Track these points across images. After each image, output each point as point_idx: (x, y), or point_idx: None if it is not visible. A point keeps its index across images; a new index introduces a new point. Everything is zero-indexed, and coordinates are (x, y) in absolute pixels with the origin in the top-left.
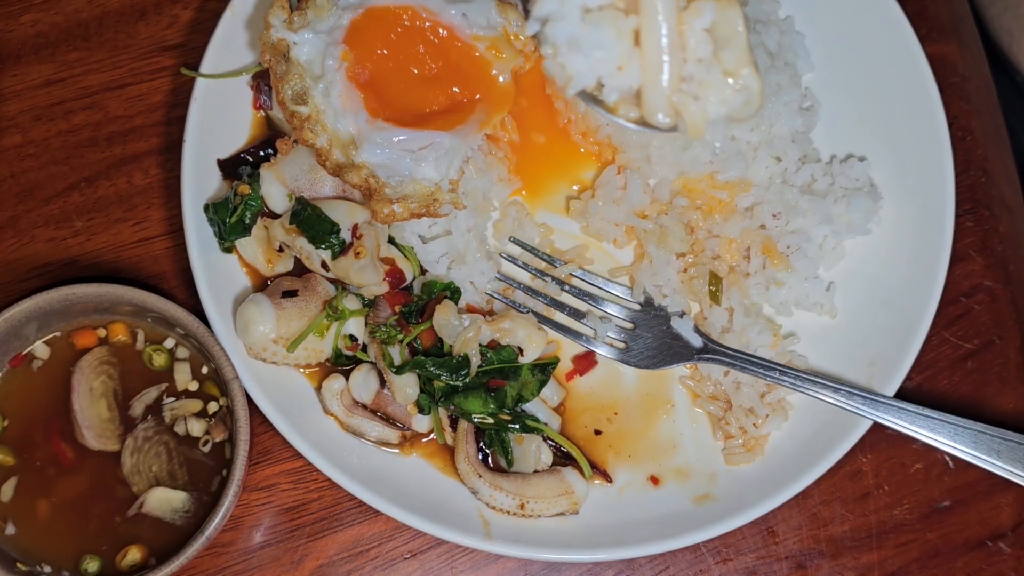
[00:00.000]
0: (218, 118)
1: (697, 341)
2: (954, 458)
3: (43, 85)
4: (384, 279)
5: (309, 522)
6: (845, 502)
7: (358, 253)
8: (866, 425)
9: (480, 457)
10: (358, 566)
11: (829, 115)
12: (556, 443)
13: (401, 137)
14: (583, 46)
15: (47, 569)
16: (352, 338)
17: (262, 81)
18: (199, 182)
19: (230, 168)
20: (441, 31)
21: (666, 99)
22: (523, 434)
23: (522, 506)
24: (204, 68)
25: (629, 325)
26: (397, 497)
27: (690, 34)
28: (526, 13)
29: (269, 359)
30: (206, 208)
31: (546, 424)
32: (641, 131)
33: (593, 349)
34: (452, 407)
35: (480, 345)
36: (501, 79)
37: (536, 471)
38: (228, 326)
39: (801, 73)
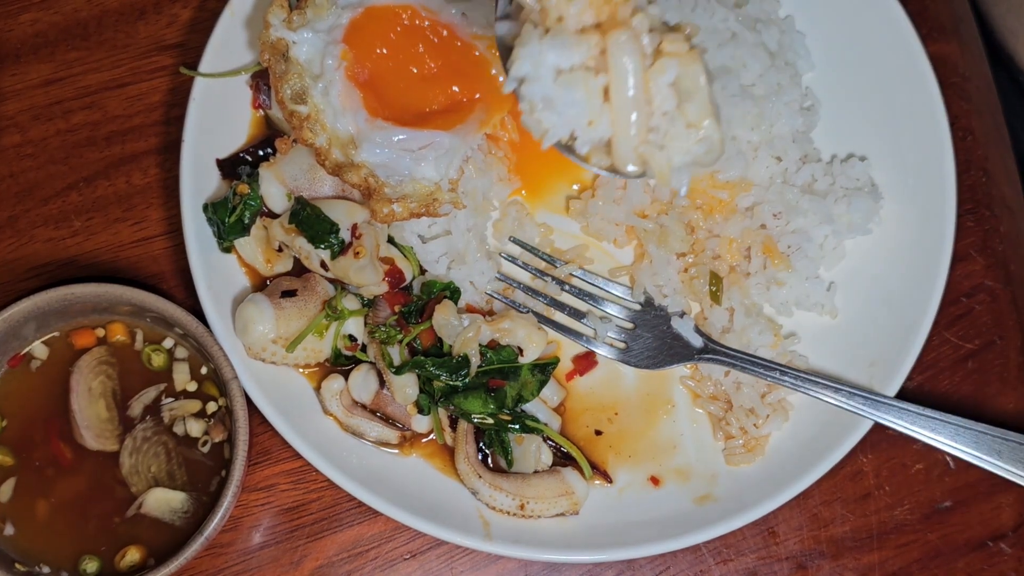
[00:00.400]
0: (217, 117)
1: (697, 341)
2: (955, 458)
3: (42, 84)
4: (383, 279)
5: (308, 523)
6: (846, 503)
7: (357, 253)
8: (867, 425)
9: (480, 457)
10: (358, 567)
11: (829, 115)
12: (556, 443)
13: (400, 136)
14: (556, 105)
15: (46, 569)
16: (351, 338)
17: (261, 80)
18: (198, 182)
19: (229, 168)
20: (441, 30)
21: (634, 150)
22: (523, 434)
23: (522, 506)
24: (203, 67)
25: (629, 325)
26: (397, 497)
27: (655, 90)
28: (505, 72)
29: (268, 359)
30: (205, 208)
31: (546, 424)
32: (613, 177)
33: (593, 349)
34: (452, 407)
35: (480, 345)
36: (501, 78)
37: (536, 471)
38: (227, 326)
39: (801, 72)
